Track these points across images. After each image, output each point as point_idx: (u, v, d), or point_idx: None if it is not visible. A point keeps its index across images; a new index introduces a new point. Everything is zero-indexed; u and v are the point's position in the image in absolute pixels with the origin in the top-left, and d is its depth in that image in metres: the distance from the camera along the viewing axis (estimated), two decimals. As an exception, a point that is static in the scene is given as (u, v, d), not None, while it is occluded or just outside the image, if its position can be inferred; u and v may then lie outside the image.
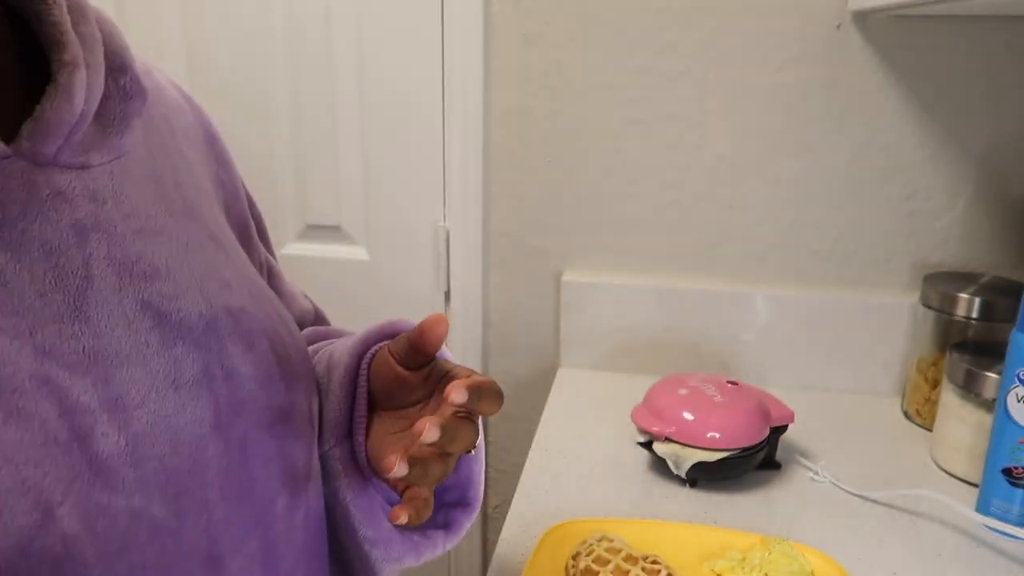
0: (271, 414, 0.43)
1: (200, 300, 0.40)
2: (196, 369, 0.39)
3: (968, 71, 0.97)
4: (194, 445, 0.37)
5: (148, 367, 0.36)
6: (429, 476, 0.44)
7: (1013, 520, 0.76)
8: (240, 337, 0.42)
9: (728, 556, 0.70)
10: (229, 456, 0.39)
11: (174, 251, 0.41)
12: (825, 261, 1.07)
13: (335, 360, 0.52)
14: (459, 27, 1.05)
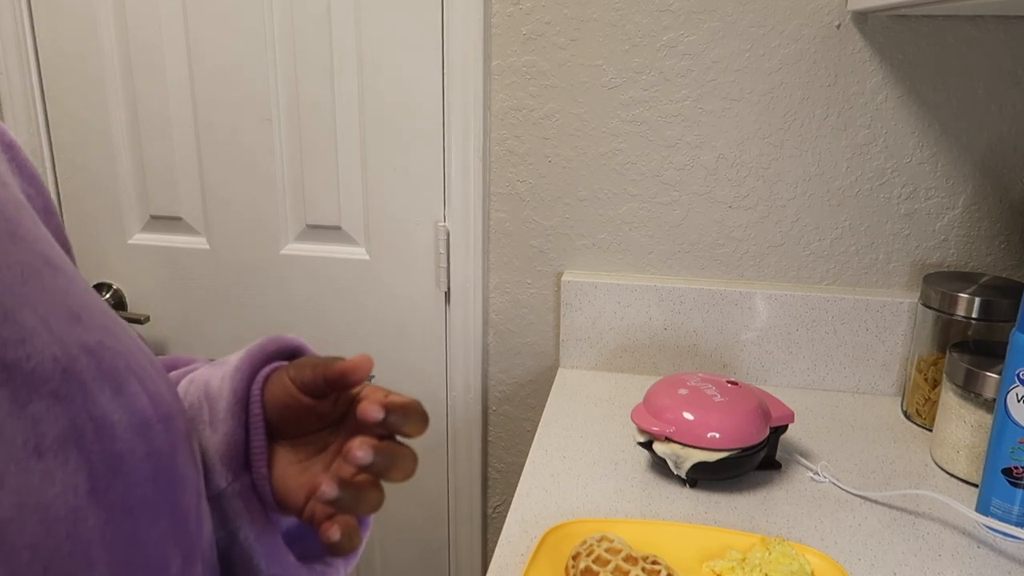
0: (153, 464, 0.36)
1: (50, 341, 0.33)
2: (60, 427, 0.32)
3: (968, 71, 0.97)
4: (71, 520, 0.31)
5: (2, 436, 0.30)
6: (363, 504, 0.41)
7: (1013, 520, 0.76)
8: (104, 379, 0.35)
9: (728, 556, 0.70)
10: (112, 524, 0.33)
11: (7, 284, 0.33)
12: (825, 261, 1.07)
13: (214, 388, 0.45)
14: (459, 27, 1.05)
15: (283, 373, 0.45)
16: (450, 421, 1.22)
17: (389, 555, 1.31)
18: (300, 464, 0.45)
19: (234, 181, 1.19)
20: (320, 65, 1.11)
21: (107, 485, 0.33)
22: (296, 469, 0.45)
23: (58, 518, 0.31)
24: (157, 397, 0.37)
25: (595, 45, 1.04)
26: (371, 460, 0.39)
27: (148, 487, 0.35)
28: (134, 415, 0.35)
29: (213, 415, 0.45)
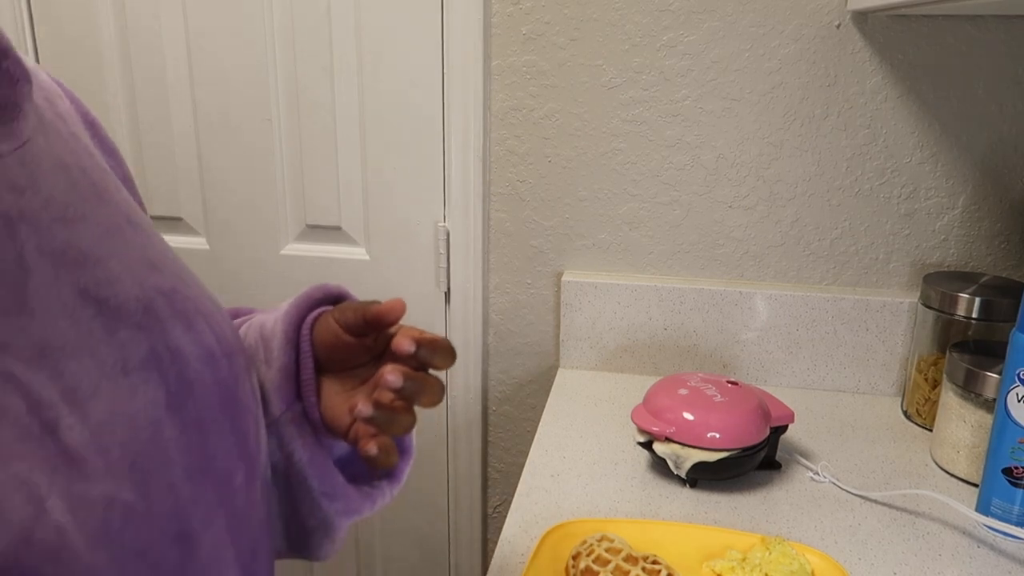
0: (219, 391, 0.43)
1: (132, 284, 0.40)
2: (143, 353, 0.38)
3: (968, 71, 0.97)
4: (152, 429, 0.37)
5: (96, 356, 0.36)
6: (395, 424, 0.47)
7: (1013, 520, 0.76)
8: (177, 318, 0.41)
9: (728, 556, 0.70)
10: (187, 436, 0.39)
11: (98, 237, 0.40)
12: (825, 261, 1.07)
13: (269, 330, 0.52)
14: (459, 27, 1.05)
15: (329, 316, 0.51)
16: (450, 421, 1.22)
17: (389, 555, 1.31)
18: (345, 393, 0.52)
19: (234, 181, 1.19)
20: (320, 65, 1.11)
21: (181, 403, 0.39)
22: (341, 398, 0.51)
23: (142, 425, 0.37)
24: (222, 336, 0.44)
25: (595, 45, 1.04)
26: (401, 384, 0.45)
27: (216, 410, 0.42)
28: (203, 349, 0.42)
29: (268, 353, 0.52)
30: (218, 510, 0.41)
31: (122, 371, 0.37)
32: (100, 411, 0.35)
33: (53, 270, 0.36)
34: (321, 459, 0.52)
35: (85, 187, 0.42)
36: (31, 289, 0.35)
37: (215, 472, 0.41)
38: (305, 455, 0.52)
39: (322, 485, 0.52)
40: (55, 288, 0.36)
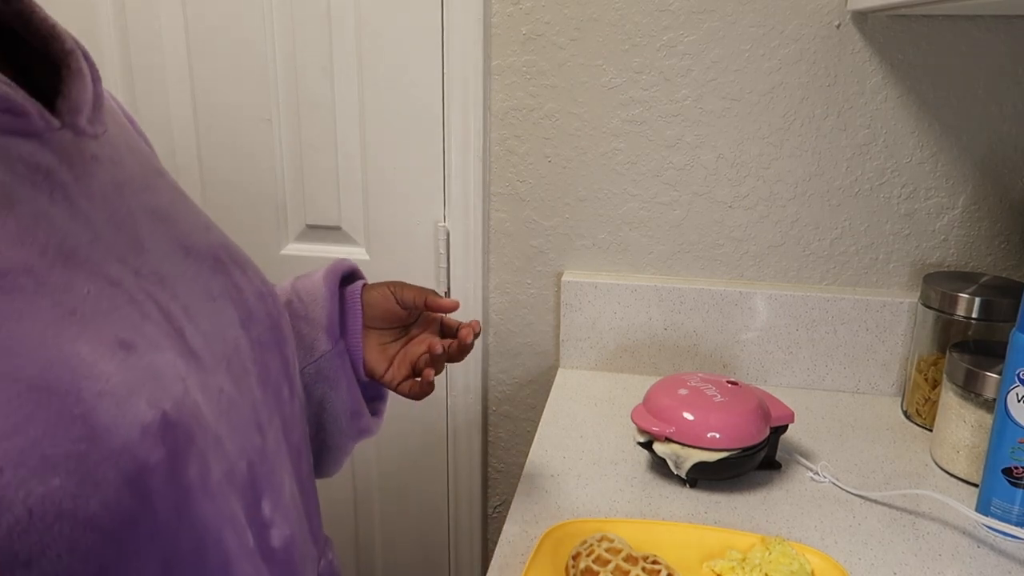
0: (270, 321, 0.53)
1: (200, 238, 0.50)
2: (220, 286, 0.48)
3: (968, 71, 0.97)
4: (235, 341, 0.48)
5: (191, 286, 0.46)
6: (440, 367, 0.72)
7: (1013, 520, 0.76)
8: (234, 264, 0.52)
9: (728, 556, 0.70)
10: (254, 350, 0.50)
11: (169, 203, 0.49)
12: (825, 261, 1.07)
13: (307, 289, 0.69)
14: (459, 27, 1.05)
15: (384, 287, 0.71)
16: (450, 421, 1.22)
17: (389, 555, 1.31)
18: (381, 345, 0.71)
19: (234, 181, 1.19)
20: (320, 65, 1.11)
21: (248, 326, 0.50)
22: (378, 348, 0.71)
23: (229, 338, 0.47)
24: (264, 281, 0.55)
25: (595, 45, 1.04)
26: (470, 342, 0.71)
27: (268, 334, 0.52)
28: (254, 288, 0.52)
29: (310, 305, 0.67)
30: (275, 414, 0.51)
31: (210, 297, 0.47)
32: (204, 323, 0.45)
33: (152, 223, 0.46)
34: (356, 390, 0.68)
35: (148, 167, 0.51)
36: (142, 236, 0.44)
37: (271, 384, 0.51)
38: (344, 383, 0.67)
39: (354, 407, 0.68)
40: (157, 236, 0.45)
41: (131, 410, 0.36)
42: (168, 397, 0.38)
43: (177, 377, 0.40)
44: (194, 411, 0.40)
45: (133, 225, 0.44)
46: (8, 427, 0.32)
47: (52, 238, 0.38)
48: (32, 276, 0.36)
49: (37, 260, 0.37)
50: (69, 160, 0.41)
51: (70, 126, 0.42)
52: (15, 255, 0.36)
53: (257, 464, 0.46)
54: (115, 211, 0.43)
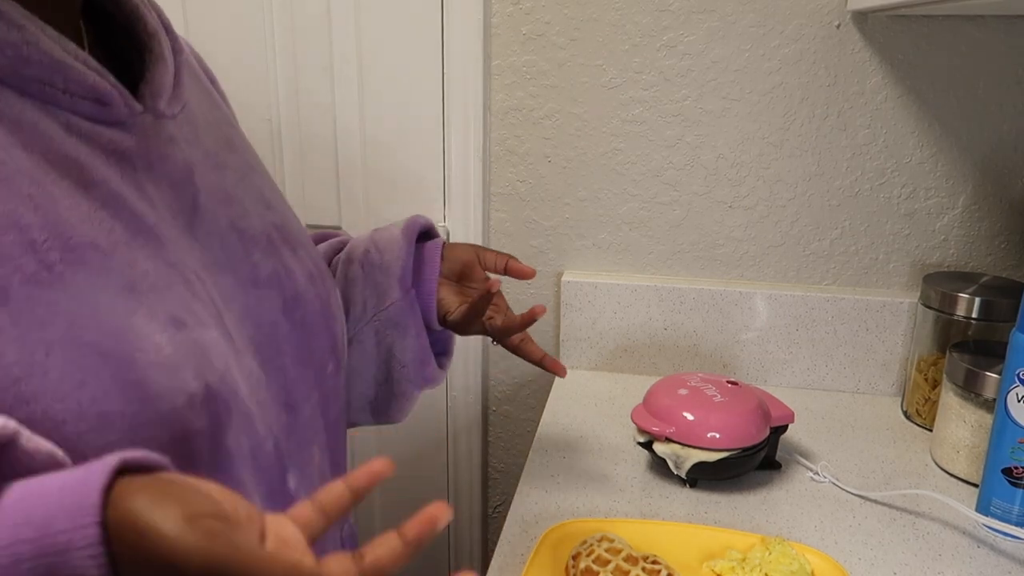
0: (319, 301, 0.55)
1: (257, 219, 0.52)
2: (268, 271, 0.51)
3: (968, 71, 0.97)
4: (270, 327, 0.50)
5: (236, 272, 0.49)
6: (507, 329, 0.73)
7: (1013, 520, 0.76)
8: (287, 246, 0.54)
9: (728, 556, 0.70)
10: (296, 333, 0.52)
11: (235, 181, 0.52)
12: (825, 261, 1.07)
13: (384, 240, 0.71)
14: (459, 27, 1.05)
15: (469, 247, 0.73)
16: (450, 421, 1.22)
17: (389, 555, 1.31)
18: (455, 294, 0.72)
19: (234, 181, 1.18)
20: (320, 65, 1.11)
21: (292, 309, 0.52)
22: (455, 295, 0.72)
23: (265, 321, 0.50)
24: (316, 261, 0.58)
25: (595, 45, 1.04)
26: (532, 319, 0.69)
27: (316, 316, 0.55)
28: (305, 270, 0.55)
29: (387, 255, 0.69)
30: (314, 390, 0.54)
31: (252, 283, 0.50)
32: (237, 310, 0.48)
33: (213, 207, 0.49)
34: (424, 338, 0.70)
35: (222, 139, 0.54)
36: (198, 220, 0.47)
37: (314, 362, 0.54)
38: (413, 331, 0.69)
39: (421, 356, 0.70)
40: (215, 220, 0.48)
41: (179, 380, 0.39)
42: (212, 371, 0.42)
43: (221, 354, 0.43)
44: (233, 388, 0.43)
45: (195, 209, 0.47)
46: (72, 385, 0.36)
47: (120, 219, 0.41)
48: (99, 252, 0.39)
49: (105, 238, 0.40)
50: (147, 145, 0.44)
51: (151, 110, 0.45)
52: (86, 232, 0.39)
53: (282, 442, 0.49)
54: (181, 194, 0.46)
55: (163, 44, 0.47)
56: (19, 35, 0.38)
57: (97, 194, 0.41)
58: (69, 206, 0.39)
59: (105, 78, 0.41)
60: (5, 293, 0.35)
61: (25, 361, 0.35)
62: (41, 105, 0.40)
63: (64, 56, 0.40)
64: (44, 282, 0.36)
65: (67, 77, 0.40)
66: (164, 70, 0.46)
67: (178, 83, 0.48)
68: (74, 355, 0.36)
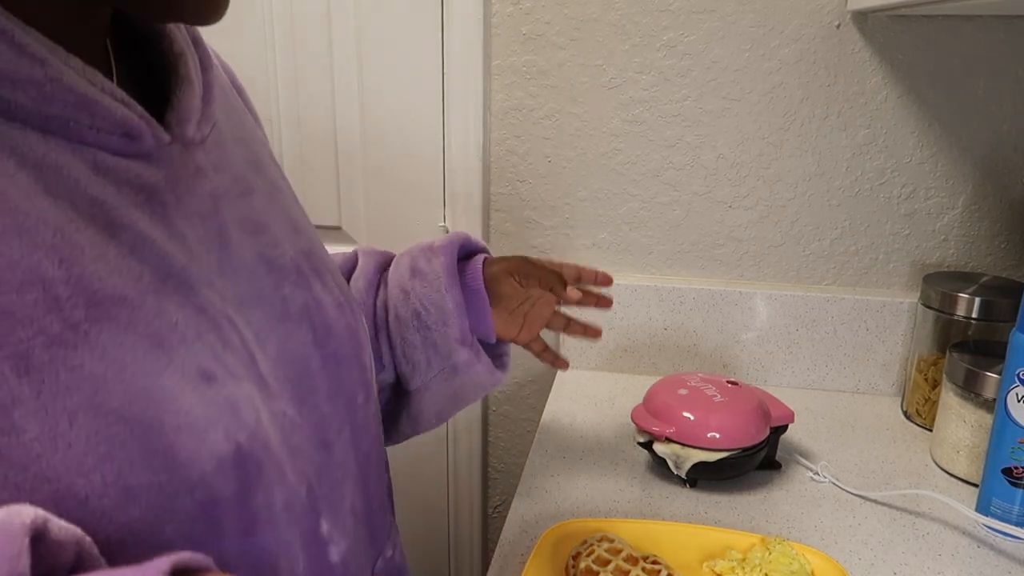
0: (348, 332, 0.53)
1: (288, 247, 0.50)
2: (299, 304, 0.49)
3: (968, 71, 0.97)
4: (304, 363, 0.48)
5: (267, 307, 0.46)
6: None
7: (1013, 520, 0.76)
8: (316, 274, 0.52)
9: (728, 556, 0.70)
10: (327, 367, 0.50)
11: (263, 206, 0.50)
12: (825, 261, 1.07)
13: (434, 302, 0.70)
14: (459, 27, 1.05)
15: (508, 275, 0.73)
16: (450, 421, 1.22)
17: (389, 555, 1.31)
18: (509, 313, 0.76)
19: (234, 181, 1.18)
20: (320, 65, 1.11)
21: (323, 342, 0.50)
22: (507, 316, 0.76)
23: (297, 360, 0.47)
24: (343, 289, 0.55)
25: (595, 45, 1.04)
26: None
27: (346, 346, 0.52)
28: (334, 299, 0.52)
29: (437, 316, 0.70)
30: (346, 424, 0.51)
31: (284, 317, 0.47)
32: (272, 349, 0.45)
33: (240, 238, 0.46)
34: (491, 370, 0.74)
35: (249, 159, 0.51)
36: (228, 254, 0.44)
37: (344, 394, 0.52)
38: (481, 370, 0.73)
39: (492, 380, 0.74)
40: (243, 252, 0.46)
41: (208, 443, 0.37)
42: (243, 428, 0.40)
43: (252, 408, 0.41)
44: (264, 442, 0.41)
45: (223, 243, 0.44)
46: (96, 458, 0.33)
47: (148, 264, 0.38)
48: (126, 306, 0.36)
49: (132, 289, 0.37)
50: (174, 177, 0.42)
51: (179, 138, 0.42)
52: (114, 284, 0.36)
53: (315, 486, 0.46)
54: (208, 228, 0.43)
55: (190, 64, 0.45)
56: (42, 72, 0.35)
57: (125, 238, 0.38)
58: (96, 256, 0.36)
59: (133, 109, 0.39)
60: (27, 360, 0.32)
61: (47, 435, 0.32)
62: (66, 143, 0.37)
63: (90, 90, 0.37)
64: (68, 343, 0.34)
65: (93, 112, 0.37)
66: (191, 94, 0.44)
67: (207, 103, 0.46)
68: (99, 424, 0.34)
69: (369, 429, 0.57)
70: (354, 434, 0.53)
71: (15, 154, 0.35)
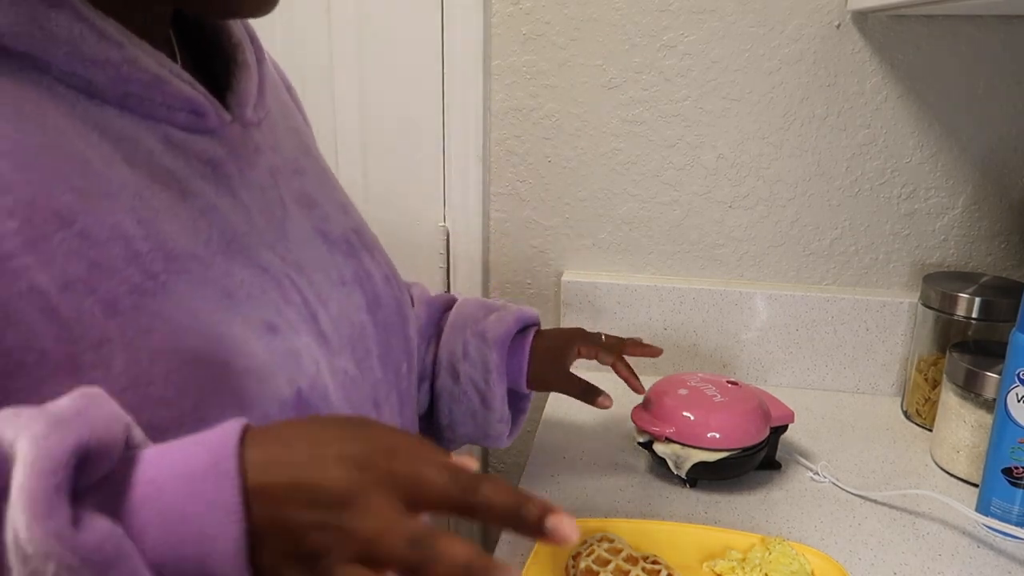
0: (395, 304, 0.58)
1: (338, 223, 0.55)
2: (351, 272, 0.53)
3: (968, 71, 0.97)
4: (361, 326, 0.52)
5: (326, 272, 0.50)
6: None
7: (1013, 520, 0.76)
8: (365, 249, 0.57)
9: (728, 556, 0.70)
10: (379, 332, 0.54)
11: (314, 185, 0.54)
12: (825, 261, 1.07)
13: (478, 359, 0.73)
14: (459, 27, 1.05)
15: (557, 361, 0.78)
16: (450, 421, 1.22)
17: (389, 555, 1.31)
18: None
19: (234, 181, 1.18)
20: (320, 65, 1.11)
21: (375, 309, 0.54)
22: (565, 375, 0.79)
23: (355, 322, 0.52)
24: (389, 265, 0.60)
25: (595, 45, 1.04)
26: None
27: (393, 316, 0.57)
28: (381, 272, 0.57)
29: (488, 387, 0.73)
30: (393, 390, 0.56)
31: (340, 283, 0.51)
32: (333, 308, 0.49)
33: (298, 210, 0.51)
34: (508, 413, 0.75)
35: (300, 144, 0.56)
36: (288, 223, 0.49)
37: (392, 361, 0.56)
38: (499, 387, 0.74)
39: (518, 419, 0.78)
40: (300, 223, 0.50)
41: (272, 386, 0.40)
42: (304, 376, 0.43)
43: (312, 359, 0.45)
44: (323, 392, 0.45)
45: (282, 213, 0.49)
46: (174, 393, 0.37)
47: (216, 228, 0.43)
48: (198, 262, 0.41)
49: (202, 248, 0.42)
50: (236, 152, 0.46)
51: (238, 119, 0.47)
52: (186, 243, 0.41)
53: None
54: (268, 200, 0.48)
55: (247, 52, 0.50)
56: (119, 53, 0.40)
57: (194, 204, 0.42)
58: (169, 218, 0.41)
59: (198, 90, 0.43)
60: (114, 305, 0.37)
61: (132, 371, 0.36)
62: (140, 119, 0.42)
63: (160, 71, 0.42)
64: (149, 291, 0.38)
65: (164, 91, 0.42)
66: (249, 78, 0.49)
67: (262, 91, 0.50)
68: (176, 363, 0.37)
69: (411, 398, 0.61)
70: (400, 400, 0.58)
71: (97, 128, 0.40)
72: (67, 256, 0.36)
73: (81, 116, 0.39)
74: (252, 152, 0.48)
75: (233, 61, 0.49)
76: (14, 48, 0.37)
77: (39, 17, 0.37)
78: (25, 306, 0.35)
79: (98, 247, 0.37)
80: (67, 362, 0.35)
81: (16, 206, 0.35)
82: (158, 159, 0.42)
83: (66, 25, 0.38)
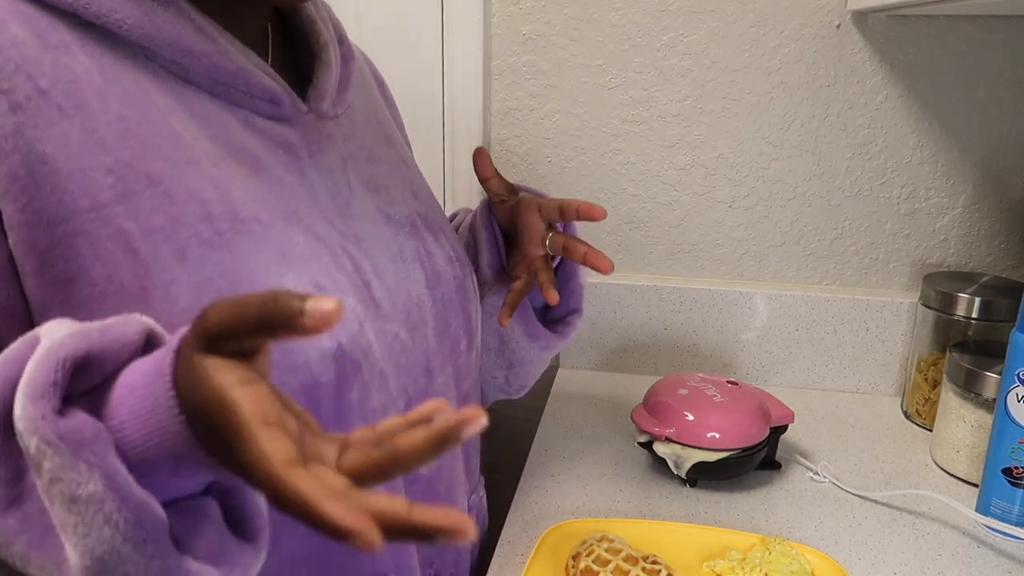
0: (456, 283, 0.62)
1: (404, 207, 0.60)
2: (411, 250, 0.58)
3: (968, 71, 0.97)
4: (417, 299, 0.57)
5: (386, 248, 0.56)
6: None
7: (1013, 520, 0.76)
8: (429, 231, 0.61)
9: (728, 556, 0.70)
10: (436, 308, 0.59)
11: (387, 172, 0.61)
12: (825, 261, 1.07)
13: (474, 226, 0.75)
14: (459, 27, 1.05)
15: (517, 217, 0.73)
16: (450, 421, 1.22)
17: (389, 555, 1.31)
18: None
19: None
20: (320, 65, 1.11)
21: (434, 286, 0.60)
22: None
23: (412, 295, 0.57)
24: (455, 247, 0.65)
25: (595, 45, 1.04)
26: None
27: (453, 294, 0.62)
28: (444, 254, 0.62)
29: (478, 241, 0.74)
30: (448, 362, 0.61)
31: (400, 259, 0.57)
32: (389, 280, 0.55)
33: (364, 193, 0.57)
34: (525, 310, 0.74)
35: (380, 135, 0.63)
36: (353, 203, 0.55)
37: (450, 336, 0.61)
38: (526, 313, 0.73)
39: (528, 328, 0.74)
40: (365, 204, 0.56)
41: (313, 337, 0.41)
42: (345, 332, 0.48)
43: (356, 319, 0.50)
44: (365, 349, 0.50)
45: (348, 194, 0.55)
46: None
47: (281, 200, 0.49)
48: (261, 225, 0.47)
49: (267, 215, 0.48)
50: (308, 139, 0.53)
51: (314, 110, 0.54)
52: (252, 209, 0.47)
53: (415, 403, 0.55)
54: (335, 182, 0.54)
55: (331, 54, 0.56)
56: (213, 47, 0.47)
57: (265, 178, 0.49)
58: (241, 186, 0.47)
59: (277, 82, 0.50)
60: (184, 253, 0.44)
61: (193, 309, 0.39)
62: (226, 104, 0.49)
63: (246, 64, 0.49)
64: (215, 245, 0.45)
65: (248, 81, 0.49)
66: (328, 77, 0.55)
67: (343, 88, 0.57)
68: None
69: (471, 373, 0.66)
70: (456, 373, 0.62)
71: (188, 108, 0.47)
72: (151, 210, 0.43)
73: (177, 98, 0.47)
74: (324, 139, 0.54)
75: (318, 60, 0.55)
76: (129, 38, 0.45)
77: (151, 13, 0.45)
78: (112, 246, 0.42)
79: (178, 205, 0.44)
80: (140, 295, 0.42)
81: (115, 165, 0.43)
82: (238, 138, 0.49)
83: (172, 21, 0.46)
